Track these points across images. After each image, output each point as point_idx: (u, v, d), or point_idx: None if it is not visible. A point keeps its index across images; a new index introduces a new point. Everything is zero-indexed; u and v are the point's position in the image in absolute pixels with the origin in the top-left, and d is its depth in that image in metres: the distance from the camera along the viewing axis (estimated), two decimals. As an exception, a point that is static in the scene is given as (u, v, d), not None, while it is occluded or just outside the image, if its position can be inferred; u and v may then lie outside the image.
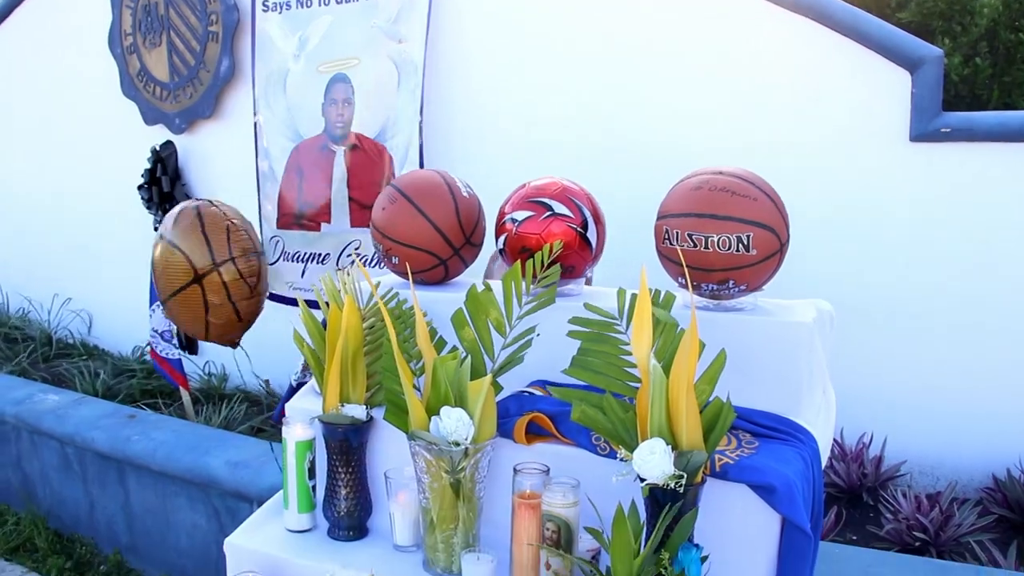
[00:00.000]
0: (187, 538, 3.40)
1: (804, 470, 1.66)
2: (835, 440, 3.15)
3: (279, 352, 3.85)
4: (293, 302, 4.20)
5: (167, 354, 3.99)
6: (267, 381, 4.33)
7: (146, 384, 4.67)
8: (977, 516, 2.87)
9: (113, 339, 5.39)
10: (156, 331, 4.00)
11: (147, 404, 4.26)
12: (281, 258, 4.28)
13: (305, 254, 4.20)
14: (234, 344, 3.06)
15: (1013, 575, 2.36)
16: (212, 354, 4.67)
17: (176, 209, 3.16)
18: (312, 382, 2.12)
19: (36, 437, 3.90)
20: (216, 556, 3.28)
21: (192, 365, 4.67)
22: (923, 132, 3.03)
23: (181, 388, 4.04)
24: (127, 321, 5.19)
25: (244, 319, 2.87)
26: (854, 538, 2.87)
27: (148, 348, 4.18)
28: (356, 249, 3.97)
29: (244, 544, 1.98)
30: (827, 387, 2.04)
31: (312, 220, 4.17)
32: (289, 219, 4.25)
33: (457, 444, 1.66)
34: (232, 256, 2.86)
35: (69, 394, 4.11)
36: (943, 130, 3.01)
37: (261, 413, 4.14)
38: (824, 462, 1.84)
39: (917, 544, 2.77)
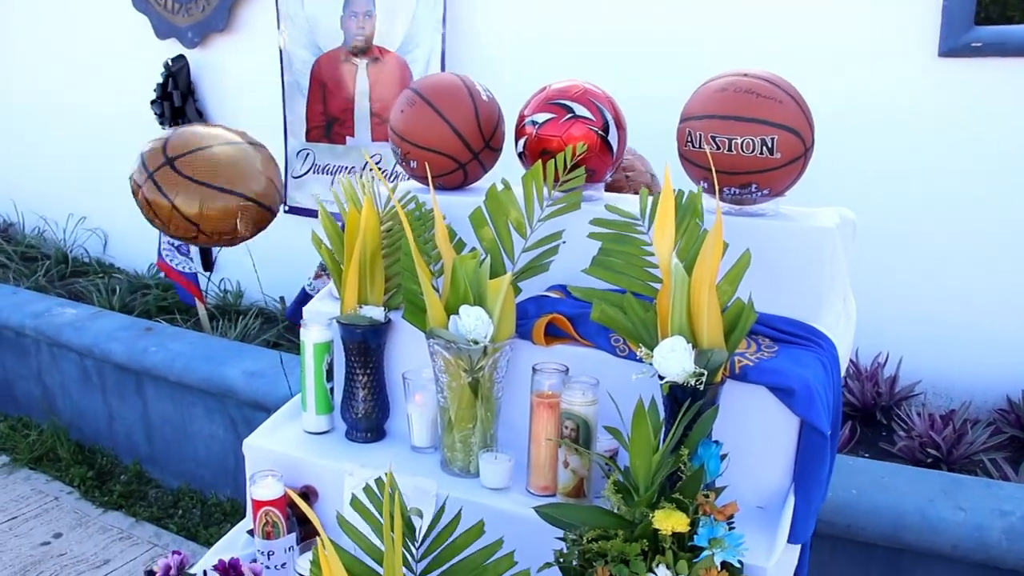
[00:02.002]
0: (204, 448, 3.45)
1: (823, 374, 1.66)
2: (850, 360, 3.15)
3: (294, 267, 3.86)
4: (313, 214, 4.19)
5: (183, 268, 4.00)
6: (282, 298, 4.35)
7: (162, 300, 4.70)
8: (989, 435, 2.88)
9: (128, 257, 5.41)
10: (172, 244, 4.00)
11: (163, 319, 4.29)
12: (311, 171, 4.27)
13: (334, 167, 4.20)
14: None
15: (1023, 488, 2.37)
16: (227, 271, 4.69)
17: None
18: (330, 286, 2.12)
19: (56, 350, 3.94)
20: (233, 466, 3.34)
21: (206, 281, 4.68)
22: (953, 47, 2.95)
23: (197, 301, 4.06)
24: (142, 239, 5.18)
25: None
26: (866, 455, 2.88)
27: (156, 261, 4.17)
28: (378, 163, 3.94)
29: (262, 445, 1.99)
30: (848, 296, 2.02)
31: (338, 134, 4.16)
32: (318, 132, 4.24)
33: (476, 342, 1.65)
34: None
35: (87, 308, 4.15)
36: (974, 44, 2.92)
37: (277, 329, 4.17)
38: (843, 370, 1.84)
39: (929, 461, 2.78)
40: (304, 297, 2.99)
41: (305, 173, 4.28)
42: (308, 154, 4.27)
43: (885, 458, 2.83)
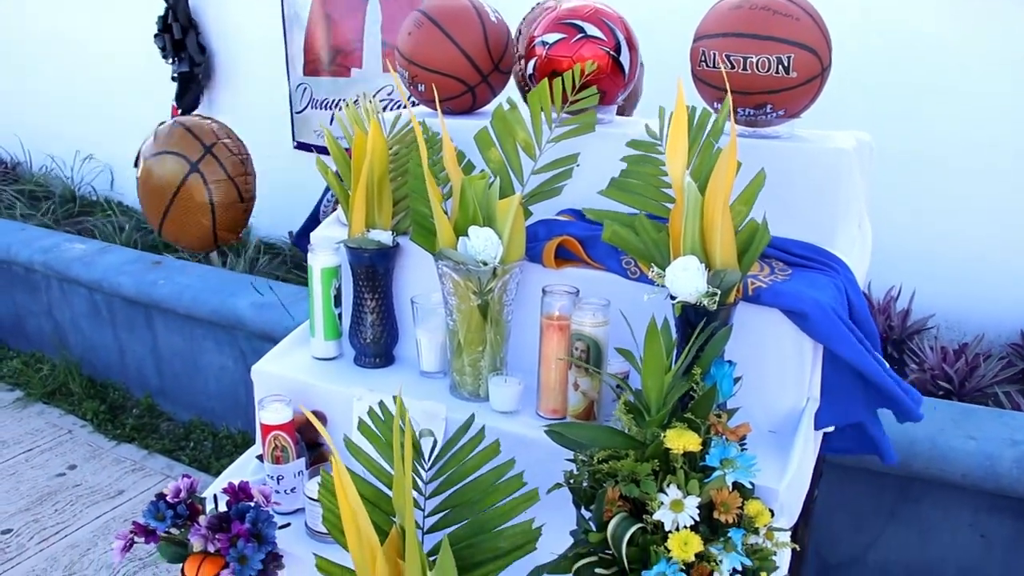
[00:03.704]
0: (215, 381, 3.46)
1: (838, 297, 1.64)
2: (863, 293, 3.12)
3: (303, 202, 3.83)
4: (320, 150, 4.15)
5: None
6: (290, 233, 4.32)
7: (170, 237, 4.68)
8: (1002, 368, 2.86)
9: (135, 193, 5.37)
10: None
11: (171, 255, 4.27)
12: (309, 106, 4.21)
13: (333, 101, 4.13)
14: (238, 237, 2.76)
15: (1038, 419, 2.35)
16: (235, 207, 4.65)
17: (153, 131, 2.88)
18: (338, 212, 2.09)
19: (65, 285, 3.95)
20: (244, 398, 3.35)
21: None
22: (976, -29, 2.87)
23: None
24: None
25: (245, 199, 2.56)
26: (877, 387, 2.87)
27: None
28: (389, 94, 3.88)
29: (270, 370, 1.99)
30: (864, 221, 1.99)
31: (342, 65, 4.08)
32: (317, 65, 4.16)
33: (485, 264, 1.63)
34: (220, 139, 2.59)
35: (95, 243, 4.14)
36: (998, -32, 2.84)
37: (285, 263, 4.15)
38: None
39: (940, 393, 2.77)
40: (314, 223, 2.96)
41: (304, 108, 4.22)
42: (306, 88, 4.20)
43: (896, 390, 2.82)
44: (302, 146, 4.29)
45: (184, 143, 2.42)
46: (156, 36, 4.63)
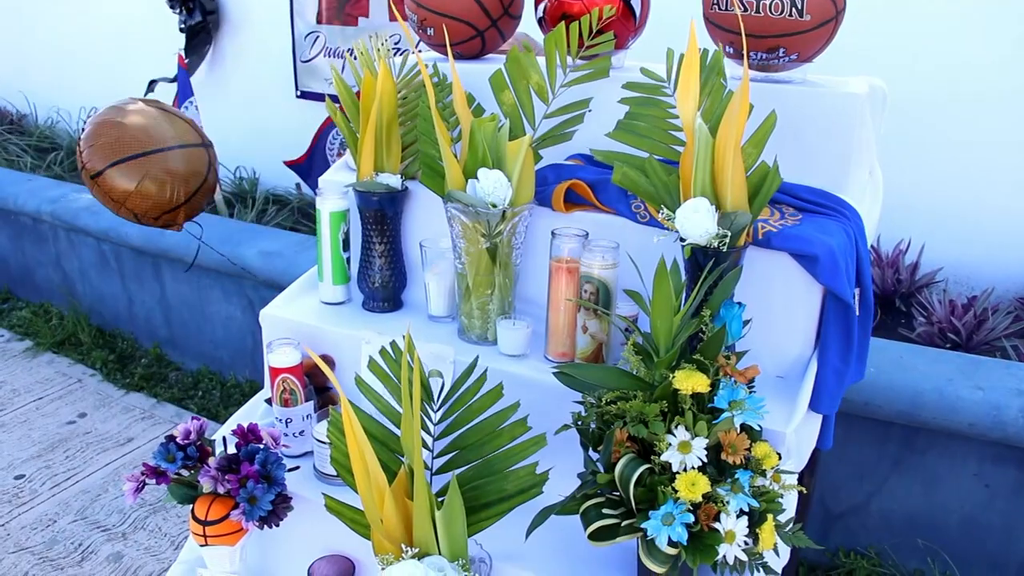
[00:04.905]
0: (223, 330, 3.47)
1: (847, 243, 1.63)
2: (872, 246, 3.10)
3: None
4: (323, 98, 4.12)
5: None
6: (298, 185, 4.31)
7: (177, 189, 4.66)
8: (1011, 322, 2.85)
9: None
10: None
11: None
12: (321, 54, 4.16)
13: (344, 50, 4.09)
14: (179, 226, 2.64)
15: (1045, 370, 2.35)
16: (243, 159, 4.63)
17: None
18: (347, 157, 2.08)
19: (73, 235, 3.95)
20: (251, 347, 3.36)
21: (223, 170, 4.64)
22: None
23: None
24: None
25: (210, 201, 2.52)
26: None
27: None
28: (396, 44, 3.84)
29: (279, 315, 1.99)
30: (875, 168, 1.97)
31: (350, 14, 4.03)
32: (332, 13, 4.11)
33: (494, 206, 1.62)
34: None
35: (102, 193, 4.13)
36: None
37: (292, 214, 4.14)
38: (871, 241, 1.80)
39: (948, 346, 2.76)
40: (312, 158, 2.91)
41: (314, 57, 4.18)
42: (318, 36, 4.15)
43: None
44: (305, 95, 4.25)
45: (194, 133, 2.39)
46: (161, -15, 4.57)
